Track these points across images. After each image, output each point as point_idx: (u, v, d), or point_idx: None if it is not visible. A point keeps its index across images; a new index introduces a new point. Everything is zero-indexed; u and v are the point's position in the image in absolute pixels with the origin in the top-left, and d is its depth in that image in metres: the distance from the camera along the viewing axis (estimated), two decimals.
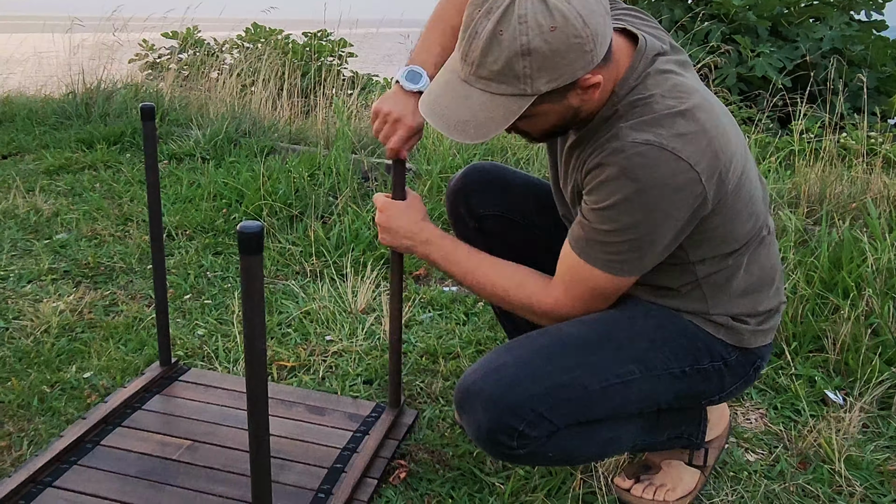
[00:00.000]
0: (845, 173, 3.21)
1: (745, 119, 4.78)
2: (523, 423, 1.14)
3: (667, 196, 1.06)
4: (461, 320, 2.22)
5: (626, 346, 1.20)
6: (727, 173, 1.11)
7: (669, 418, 1.34)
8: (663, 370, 1.21)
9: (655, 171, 1.05)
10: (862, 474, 1.56)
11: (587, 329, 1.21)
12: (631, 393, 1.19)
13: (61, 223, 2.91)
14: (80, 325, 2.11)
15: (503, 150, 3.69)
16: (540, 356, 1.17)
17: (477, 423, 1.16)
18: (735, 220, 1.17)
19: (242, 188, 3.10)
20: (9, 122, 4.63)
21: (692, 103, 1.09)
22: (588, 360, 1.17)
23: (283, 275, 2.53)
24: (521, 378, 1.14)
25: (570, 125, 1.17)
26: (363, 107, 4.94)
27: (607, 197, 1.09)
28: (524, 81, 1.02)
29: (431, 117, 1.09)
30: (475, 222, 1.53)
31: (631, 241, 1.11)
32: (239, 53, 6.44)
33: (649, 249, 1.12)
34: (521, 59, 1.00)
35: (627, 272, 1.16)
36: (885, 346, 1.95)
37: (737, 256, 1.21)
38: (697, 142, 1.07)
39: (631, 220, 1.09)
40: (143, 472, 1.43)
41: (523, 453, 1.17)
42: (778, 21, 6.31)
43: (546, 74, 1.01)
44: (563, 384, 1.16)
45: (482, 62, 1.02)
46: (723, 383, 1.27)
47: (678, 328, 1.23)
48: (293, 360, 1.96)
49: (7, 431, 1.62)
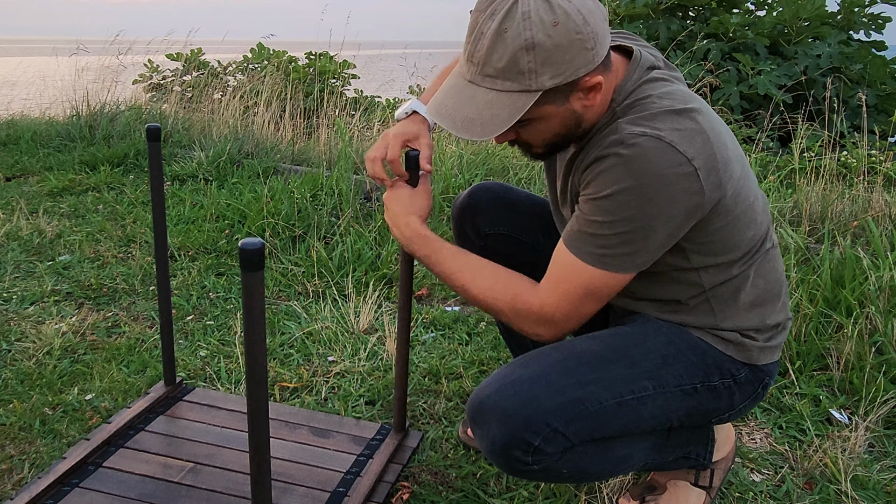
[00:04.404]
0: (846, 191, 3.22)
1: (746, 138, 4.80)
2: (539, 439, 1.12)
3: (663, 188, 1.05)
4: (464, 340, 2.22)
5: (640, 362, 1.19)
6: (724, 174, 1.10)
7: (679, 438, 1.33)
8: (675, 387, 1.20)
9: (652, 161, 1.05)
10: (869, 494, 1.55)
11: (600, 345, 1.21)
12: (644, 409, 1.19)
13: (64, 245, 2.92)
14: (83, 346, 2.11)
15: (504, 170, 3.70)
16: (555, 370, 1.16)
17: (491, 438, 1.14)
18: (735, 225, 1.16)
19: (245, 209, 3.11)
20: (13, 145, 4.67)
21: (690, 106, 1.11)
22: (603, 376, 1.17)
23: (285, 295, 2.53)
24: (536, 392, 1.13)
25: (572, 136, 1.17)
26: (365, 128, 4.97)
27: (603, 187, 1.08)
28: (529, 77, 1.04)
29: (438, 117, 1.11)
30: (481, 241, 1.53)
31: (624, 233, 1.09)
32: (242, 75, 6.49)
33: (642, 245, 1.10)
34: (526, 54, 1.02)
35: (619, 268, 1.13)
36: (890, 365, 1.94)
37: (741, 266, 1.21)
38: (694, 139, 1.07)
39: (625, 210, 1.07)
40: (144, 494, 1.42)
41: (537, 469, 1.16)
42: (776, 39, 6.36)
43: (550, 69, 1.03)
44: (579, 399, 1.14)
45: (487, 60, 1.05)
46: (732, 400, 1.27)
47: (688, 345, 1.23)
48: (295, 381, 1.95)
49: (8, 454, 1.61)
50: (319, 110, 5.31)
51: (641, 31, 6.33)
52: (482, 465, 1.61)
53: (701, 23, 6.52)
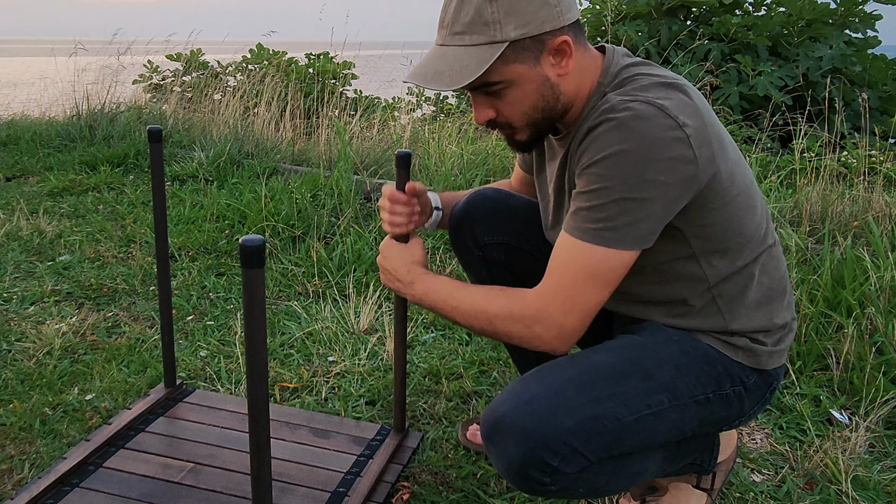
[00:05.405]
0: (847, 192, 3.22)
1: (746, 138, 4.80)
2: (558, 459, 1.08)
3: (657, 150, 1.04)
4: (464, 340, 2.22)
5: (654, 375, 1.16)
6: (718, 151, 1.10)
7: (688, 447, 1.32)
8: (689, 398, 1.18)
9: (645, 123, 1.04)
10: (869, 495, 1.55)
11: (614, 357, 1.18)
12: (660, 423, 1.16)
13: (64, 245, 2.92)
14: (83, 346, 2.11)
15: (504, 170, 3.70)
16: (571, 386, 1.11)
17: (508, 458, 1.09)
18: (733, 208, 1.15)
19: (245, 209, 3.11)
20: (13, 145, 4.67)
21: (679, 82, 1.13)
22: (619, 391, 1.13)
23: (285, 295, 2.53)
24: (554, 410, 1.09)
25: (553, 113, 1.16)
26: (365, 128, 4.97)
27: (597, 152, 1.07)
28: (493, 27, 1.07)
29: (411, 77, 1.14)
30: (479, 251, 1.50)
31: (621, 200, 1.06)
32: (242, 75, 6.50)
33: (641, 214, 1.06)
34: (490, 5, 1.07)
35: (618, 242, 1.07)
36: (890, 365, 1.94)
37: (745, 258, 1.19)
38: (685, 109, 1.07)
39: (620, 172, 1.05)
40: (145, 494, 1.42)
41: (555, 489, 1.12)
42: (777, 40, 6.36)
43: (513, 19, 1.07)
44: (597, 416, 1.10)
45: (455, 19, 1.10)
46: (742, 407, 1.25)
47: (699, 353, 1.21)
48: (296, 382, 1.95)
49: (9, 454, 1.61)
50: (319, 110, 5.31)
51: (643, 30, 6.33)
52: (482, 466, 1.61)
53: (703, 24, 6.52)
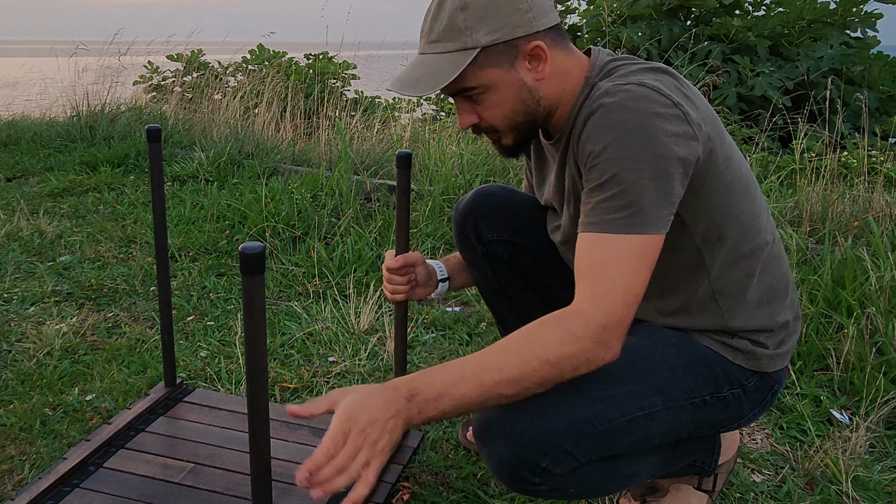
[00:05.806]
0: (847, 192, 3.21)
1: (746, 138, 4.79)
2: (546, 459, 1.09)
3: (658, 130, 1.03)
4: (464, 341, 2.22)
5: (649, 377, 1.16)
6: (713, 132, 1.11)
7: (685, 448, 1.31)
8: (685, 400, 1.18)
9: (641, 100, 1.05)
10: (870, 495, 1.55)
11: None
12: (654, 425, 1.16)
13: (65, 245, 2.92)
14: (83, 347, 2.11)
15: (505, 170, 3.70)
16: (563, 388, 1.10)
17: (498, 458, 1.10)
18: (730, 192, 1.15)
19: (245, 210, 3.11)
20: (14, 145, 4.67)
21: (666, 68, 1.15)
22: (612, 393, 1.13)
23: (285, 296, 2.53)
24: (545, 410, 1.10)
25: (535, 116, 1.17)
26: (365, 128, 4.97)
27: (601, 138, 1.06)
28: (466, 34, 1.10)
29: (392, 86, 1.18)
30: (483, 248, 1.50)
31: (636, 181, 1.03)
32: (242, 76, 6.50)
33: (660, 189, 1.03)
34: (461, 13, 1.10)
35: (647, 226, 1.03)
36: (890, 365, 1.94)
37: (745, 248, 1.18)
38: (677, 91, 1.09)
39: (628, 156, 1.03)
40: (145, 495, 1.42)
41: (545, 489, 1.13)
42: (777, 41, 6.36)
43: (484, 25, 1.09)
44: (587, 418, 1.11)
45: (432, 28, 1.13)
46: (741, 410, 1.25)
47: (697, 356, 1.21)
48: (296, 382, 1.95)
49: (9, 454, 1.61)
50: (320, 111, 5.32)
51: (644, 31, 6.33)
52: (482, 466, 1.60)
53: (703, 24, 6.52)
